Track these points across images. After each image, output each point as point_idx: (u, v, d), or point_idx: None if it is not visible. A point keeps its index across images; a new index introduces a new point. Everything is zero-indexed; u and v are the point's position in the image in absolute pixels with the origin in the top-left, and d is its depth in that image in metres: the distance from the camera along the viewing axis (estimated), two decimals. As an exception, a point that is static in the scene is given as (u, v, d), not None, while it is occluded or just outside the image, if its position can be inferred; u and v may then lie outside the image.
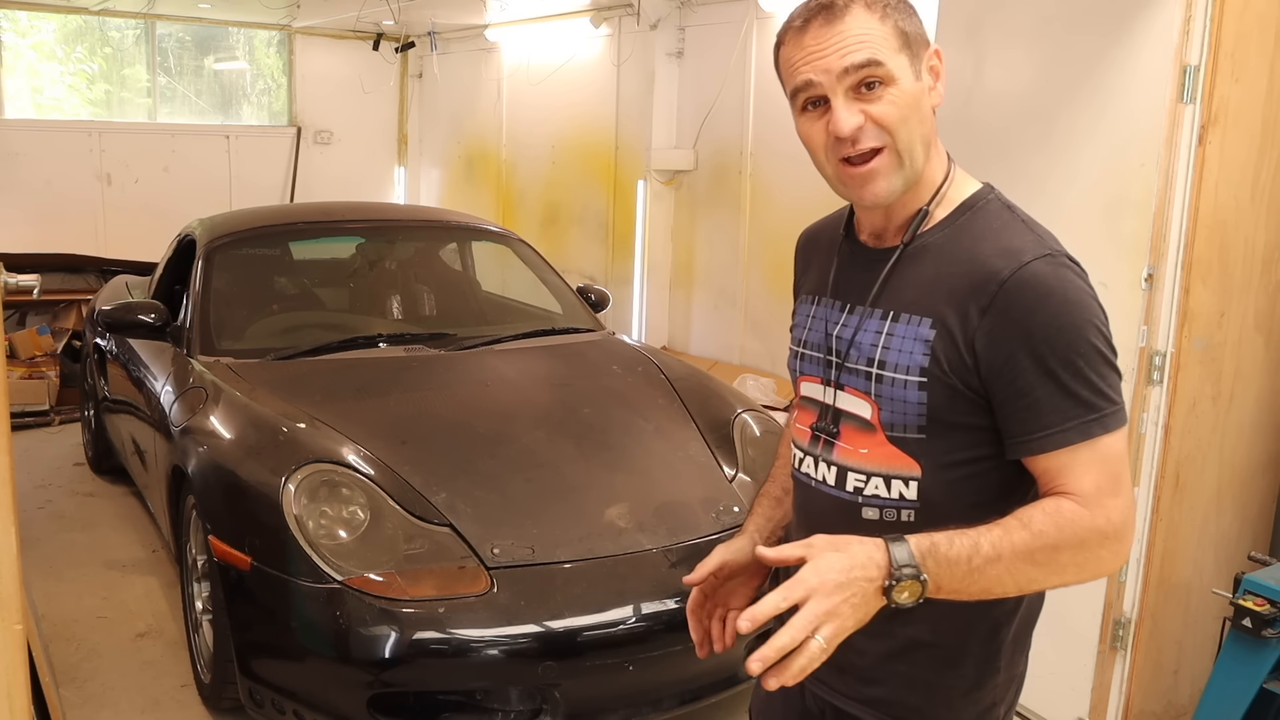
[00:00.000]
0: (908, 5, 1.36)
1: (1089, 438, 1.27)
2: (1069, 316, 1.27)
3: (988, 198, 1.40)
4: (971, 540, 1.22)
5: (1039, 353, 1.27)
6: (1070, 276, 1.30)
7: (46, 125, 8.91)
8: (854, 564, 1.18)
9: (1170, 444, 2.83)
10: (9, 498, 1.58)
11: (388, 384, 3.54)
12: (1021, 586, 1.27)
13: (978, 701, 1.41)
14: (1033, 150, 3.07)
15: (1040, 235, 1.35)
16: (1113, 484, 1.27)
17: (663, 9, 6.93)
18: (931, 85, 1.37)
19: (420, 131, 10.64)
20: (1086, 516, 1.25)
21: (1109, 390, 1.29)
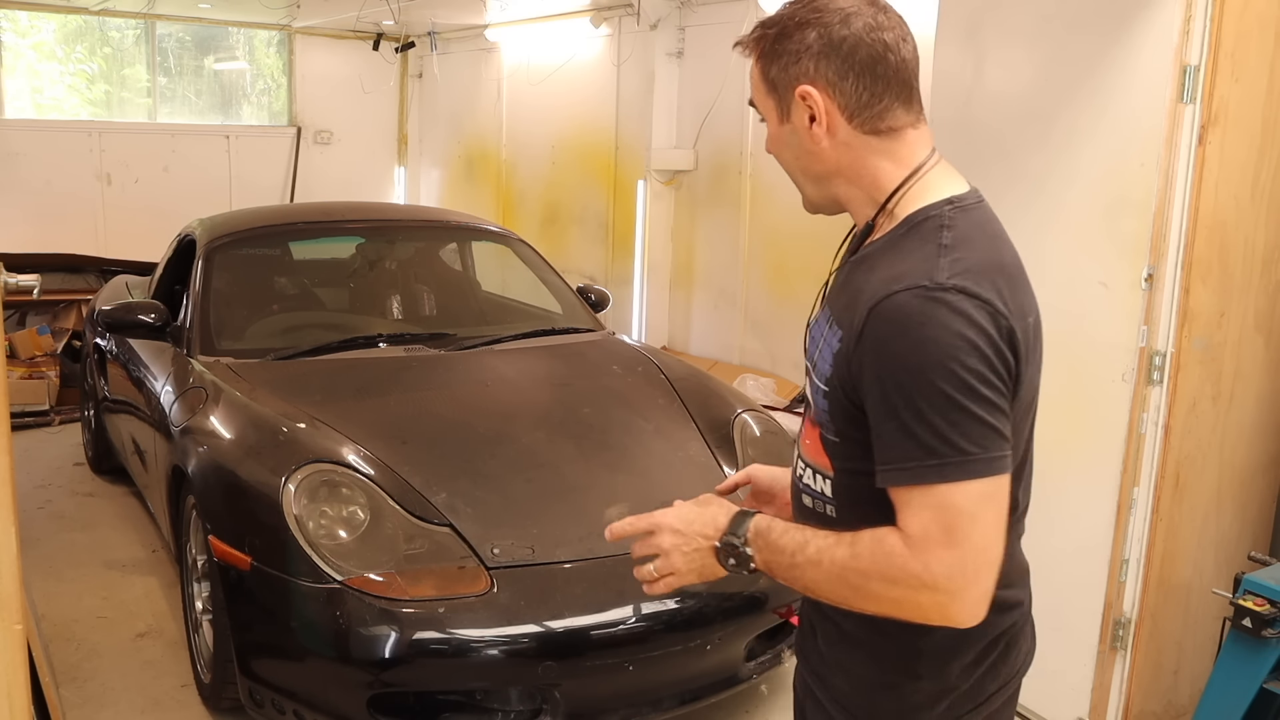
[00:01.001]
0: (787, 47, 1.36)
1: (922, 483, 1.22)
2: (920, 356, 1.21)
3: (930, 215, 1.34)
4: (803, 539, 1.30)
5: (885, 388, 1.24)
6: (939, 311, 1.21)
7: (46, 125, 8.91)
8: (698, 519, 1.38)
9: (1170, 444, 2.83)
10: (9, 498, 1.58)
11: (388, 384, 3.54)
12: (837, 600, 1.29)
13: (901, 701, 1.41)
14: (1033, 150, 3.07)
15: (940, 264, 1.26)
16: (944, 535, 1.20)
17: (663, 9, 6.93)
18: (805, 125, 1.37)
19: (420, 131, 10.63)
20: (904, 556, 1.22)
21: (954, 437, 1.20)
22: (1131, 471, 2.86)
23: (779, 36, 1.37)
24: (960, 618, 1.23)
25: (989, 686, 1.43)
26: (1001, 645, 1.43)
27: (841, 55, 1.33)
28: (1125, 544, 2.89)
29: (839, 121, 1.36)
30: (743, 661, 2.88)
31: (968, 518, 1.21)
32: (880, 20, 1.35)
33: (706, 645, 2.76)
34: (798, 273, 6.07)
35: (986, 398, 1.22)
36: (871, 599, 1.26)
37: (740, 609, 2.79)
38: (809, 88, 1.35)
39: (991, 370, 1.22)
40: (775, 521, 1.34)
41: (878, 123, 1.37)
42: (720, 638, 2.77)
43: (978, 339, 1.22)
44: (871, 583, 1.24)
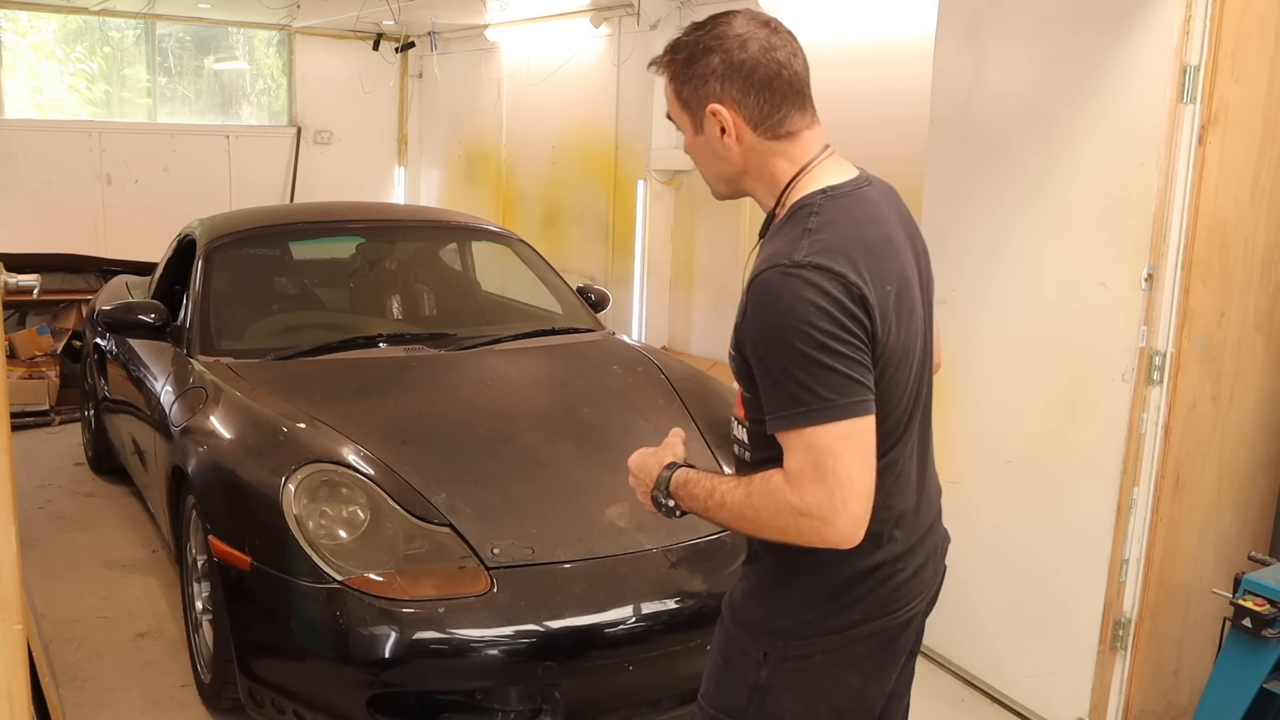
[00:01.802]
0: (695, 71, 1.59)
1: (793, 428, 1.46)
2: (779, 323, 1.46)
3: (805, 204, 1.57)
4: (711, 486, 1.59)
5: (759, 351, 1.50)
6: (793, 284, 1.45)
7: (46, 125, 8.91)
8: (642, 470, 1.71)
9: (1170, 444, 2.83)
10: (9, 498, 1.58)
11: (388, 384, 3.54)
12: (744, 531, 1.58)
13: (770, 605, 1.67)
14: (1033, 150, 3.07)
15: (800, 244, 1.49)
16: (814, 470, 1.44)
17: (663, 9, 6.93)
18: (717, 136, 1.61)
19: (420, 131, 10.63)
20: (784, 491, 1.46)
21: (815, 386, 1.44)
22: (1131, 471, 2.86)
23: (687, 61, 1.60)
24: (835, 539, 1.46)
25: (853, 615, 1.63)
26: (872, 580, 1.63)
27: (743, 76, 1.56)
28: (1125, 544, 2.89)
29: (745, 131, 1.59)
30: None
31: (831, 455, 1.44)
32: (773, 41, 1.58)
33: (706, 645, 2.74)
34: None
35: (840, 353, 1.45)
36: (765, 528, 1.51)
37: (740, 609, 2.79)
38: (718, 105, 1.58)
39: (843, 329, 1.45)
40: (691, 473, 1.64)
41: (778, 129, 1.60)
42: (720, 638, 2.77)
43: (828, 305, 1.45)
44: (763, 514, 1.50)
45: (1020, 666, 3.22)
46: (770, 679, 1.66)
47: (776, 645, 1.65)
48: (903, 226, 1.67)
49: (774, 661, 1.65)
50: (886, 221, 1.61)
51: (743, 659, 1.69)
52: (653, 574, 2.77)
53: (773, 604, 1.66)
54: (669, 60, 1.63)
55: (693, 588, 2.77)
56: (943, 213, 3.42)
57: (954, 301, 3.40)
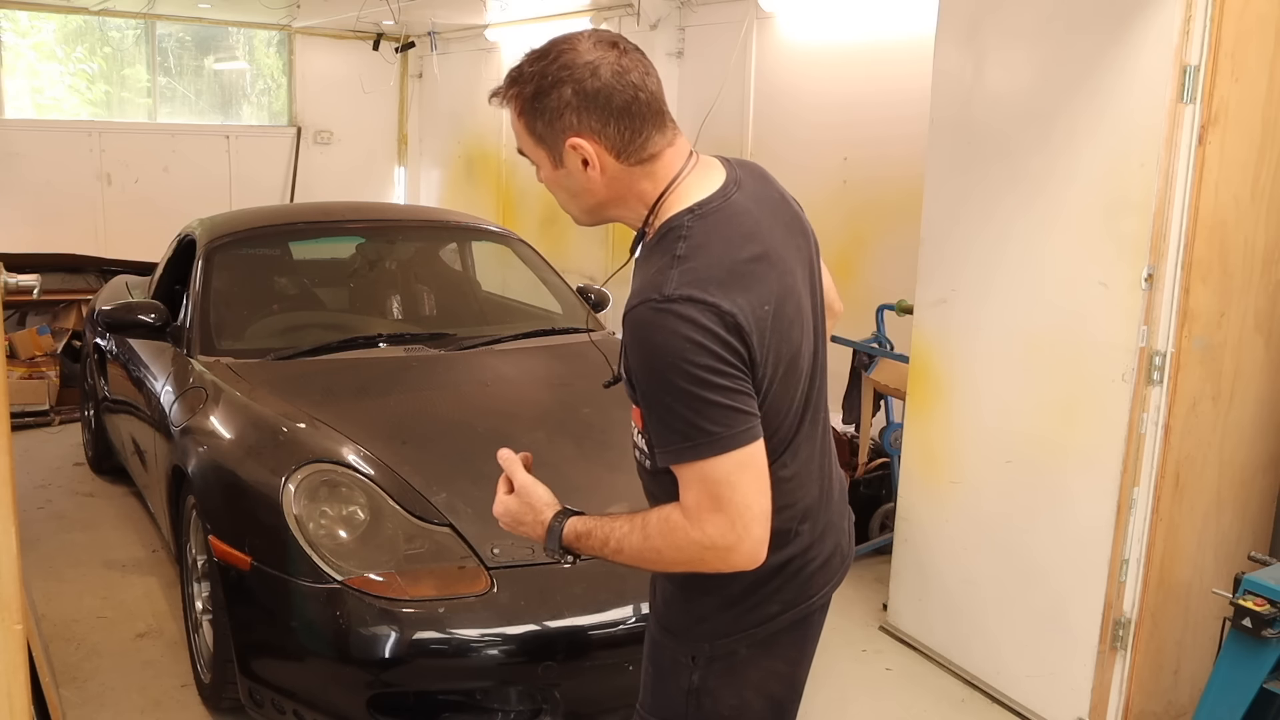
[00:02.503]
0: (547, 104, 1.49)
1: (682, 462, 1.44)
2: (656, 361, 1.42)
3: (672, 227, 1.51)
4: (605, 535, 1.55)
5: (640, 386, 1.47)
6: (664, 320, 1.41)
7: (46, 125, 8.90)
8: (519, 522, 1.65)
9: (1170, 444, 2.83)
10: (9, 498, 1.58)
11: (388, 384, 3.54)
12: (651, 569, 1.58)
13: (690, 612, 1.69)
14: (1033, 150, 3.07)
15: (669, 276, 1.44)
16: (711, 502, 1.43)
17: (663, 9, 6.92)
18: (582, 168, 1.52)
19: (420, 131, 10.63)
20: (684, 528, 1.45)
21: (700, 422, 1.41)
22: (1131, 471, 2.86)
23: (536, 95, 1.49)
24: (741, 563, 1.46)
25: (770, 609, 1.65)
26: (784, 575, 1.64)
27: (599, 105, 1.47)
28: (1125, 544, 2.89)
29: (609, 161, 1.51)
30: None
31: (727, 486, 1.43)
32: (624, 63, 1.49)
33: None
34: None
35: (720, 385, 1.41)
36: (670, 564, 1.52)
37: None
38: (578, 139, 1.49)
39: (721, 361, 1.41)
40: (580, 526, 1.58)
41: (640, 154, 1.52)
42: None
43: (703, 338, 1.40)
44: (666, 554, 1.49)
45: (1020, 666, 3.22)
46: (702, 680, 1.67)
47: (702, 648, 1.66)
48: (778, 216, 1.61)
49: (703, 663, 1.67)
50: (759, 230, 1.55)
51: (673, 665, 1.71)
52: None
53: (692, 609, 1.67)
54: (516, 94, 1.52)
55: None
56: (943, 213, 3.42)
57: (954, 301, 3.40)
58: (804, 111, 5.69)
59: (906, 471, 3.64)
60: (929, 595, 3.55)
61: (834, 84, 5.54)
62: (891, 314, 4.27)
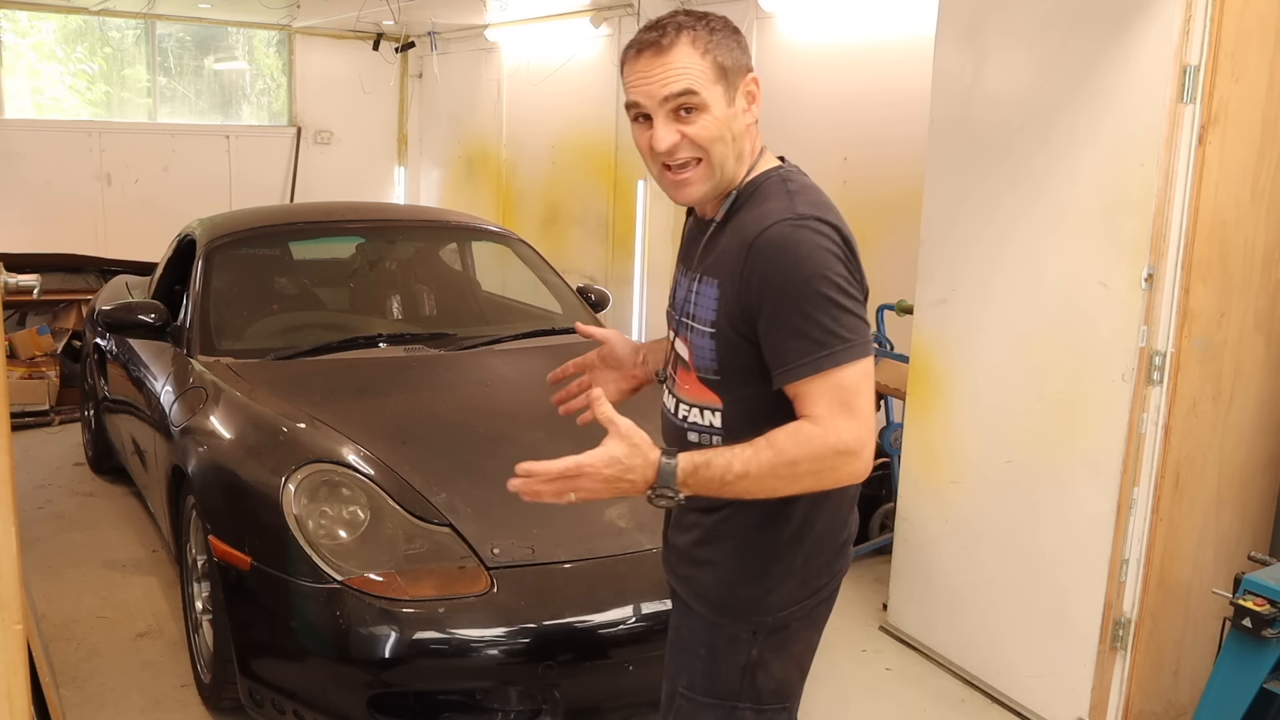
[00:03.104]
0: (729, 39, 1.61)
1: (819, 371, 1.51)
2: (801, 271, 1.51)
3: (770, 175, 1.65)
4: (727, 461, 1.51)
5: (776, 303, 1.53)
6: (806, 235, 1.53)
7: (46, 125, 8.90)
8: (625, 473, 1.52)
9: (1170, 444, 2.83)
10: (9, 498, 1.58)
11: (388, 384, 3.54)
12: (765, 493, 1.54)
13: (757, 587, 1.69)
14: (1033, 150, 3.07)
15: (794, 203, 1.57)
16: (844, 408, 1.51)
17: (662, 9, 6.92)
18: (746, 108, 1.63)
19: (420, 131, 10.63)
20: (820, 435, 1.50)
21: (839, 329, 1.51)
22: (1131, 471, 2.86)
23: (719, 33, 1.60)
24: (862, 472, 1.53)
25: (823, 579, 1.72)
26: (838, 544, 1.74)
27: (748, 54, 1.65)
28: (1125, 544, 2.89)
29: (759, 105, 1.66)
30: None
31: (855, 392, 1.52)
32: None
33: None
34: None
35: (853, 295, 1.54)
36: (799, 480, 1.52)
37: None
38: (754, 75, 1.64)
39: (850, 276, 1.54)
40: (696, 459, 1.52)
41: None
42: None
43: (838, 250, 1.54)
44: (800, 467, 1.50)
45: (1020, 666, 3.22)
46: (760, 654, 1.71)
47: (765, 621, 1.70)
48: None
49: (762, 637, 1.71)
50: None
51: (731, 644, 1.72)
52: (653, 574, 2.76)
53: (761, 582, 1.69)
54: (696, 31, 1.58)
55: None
56: (943, 213, 3.42)
57: (954, 301, 3.40)
58: (804, 111, 5.68)
59: (906, 471, 3.64)
60: (929, 595, 3.55)
61: (834, 84, 5.54)
62: (891, 314, 4.27)
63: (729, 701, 1.73)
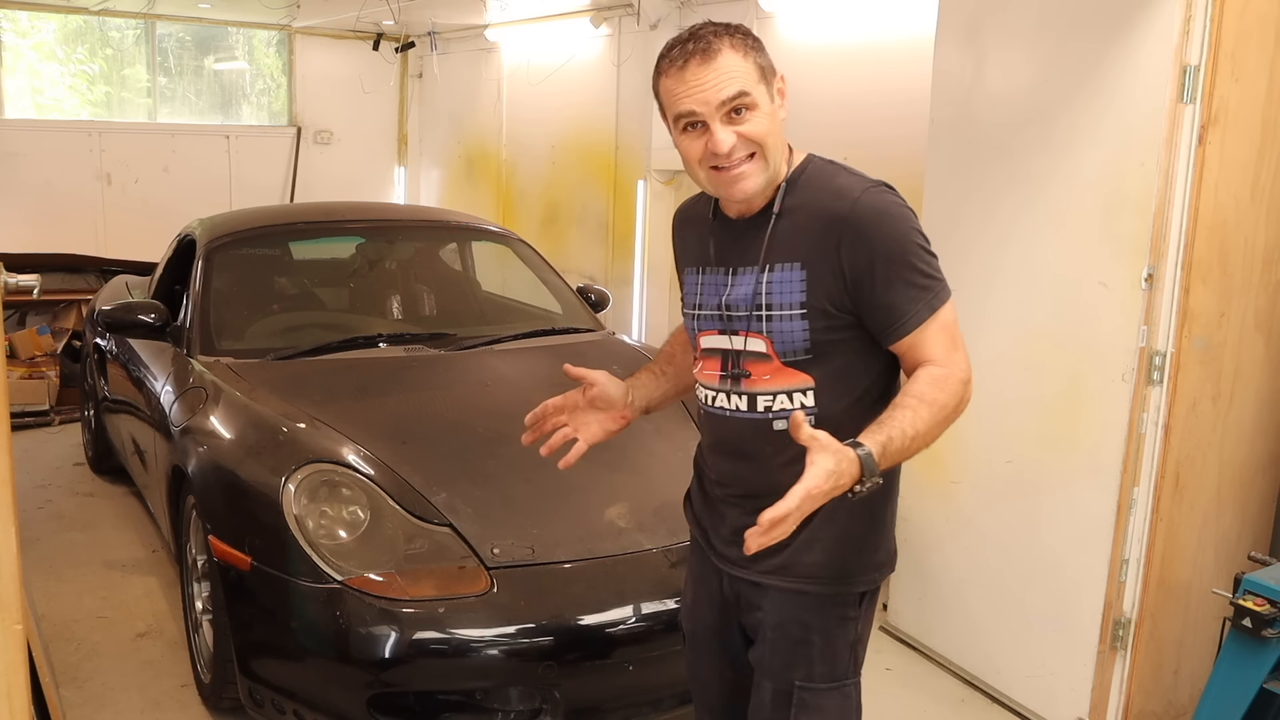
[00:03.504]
0: (759, 42, 1.72)
1: (934, 311, 1.67)
2: (898, 228, 1.67)
3: (813, 160, 1.78)
4: (900, 429, 1.57)
5: (886, 261, 1.66)
6: (892, 197, 1.70)
7: (46, 125, 8.90)
8: (840, 476, 1.52)
9: (1170, 444, 2.83)
10: (9, 498, 1.57)
11: (388, 384, 3.54)
12: (929, 444, 1.63)
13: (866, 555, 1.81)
14: (1033, 150, 3.07)
15: (859, 175, 1.74)
16: (953, 342, 1.68)
17: (663, 9, 6.92)
18: (780, 104, 1.73)
19: (420, 131, 10.63)
20: (950, 374, 1.64)
21: (935, 272, 1.69)
22: (1131, 471, 2.86)
23: (749, 35, 1.71)
24: (970, 396, 1.67)
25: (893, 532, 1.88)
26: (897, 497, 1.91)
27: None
28: (1125, 544, 2.89)
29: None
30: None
31: (955, 325, 1.70)
32: None
33: (706, 645, 2.76)
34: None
35: (929, 241, 1.71)
36: (948, 421, 1.64)
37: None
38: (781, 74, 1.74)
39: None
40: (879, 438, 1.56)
41: None
42: (720, 638, 2.77)
43: (909, 207, 1.71)
44: (948, 408, 1.63)
45: (1020, 666, 3.22)
46: (859, 629, 1.83)
47: (871, 579, 1.82)
48: None
49: (864, 607, 1.83)
50: None
51: (840, 623, 1.80)
52: (653, 574, 2.77)
53: (865, 546, 1.79)
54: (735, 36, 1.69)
55: (693, 588, 2.76)
56: (943, 213, 3.42)
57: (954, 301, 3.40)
58: (804, 111, 5.65)
59: (906, 471, 3.63)
60: (929, 595, 3.55)
61: (834, 84, 5.53)
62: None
63: (843, 681, 1.81)
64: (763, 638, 1.84)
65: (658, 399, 2.11)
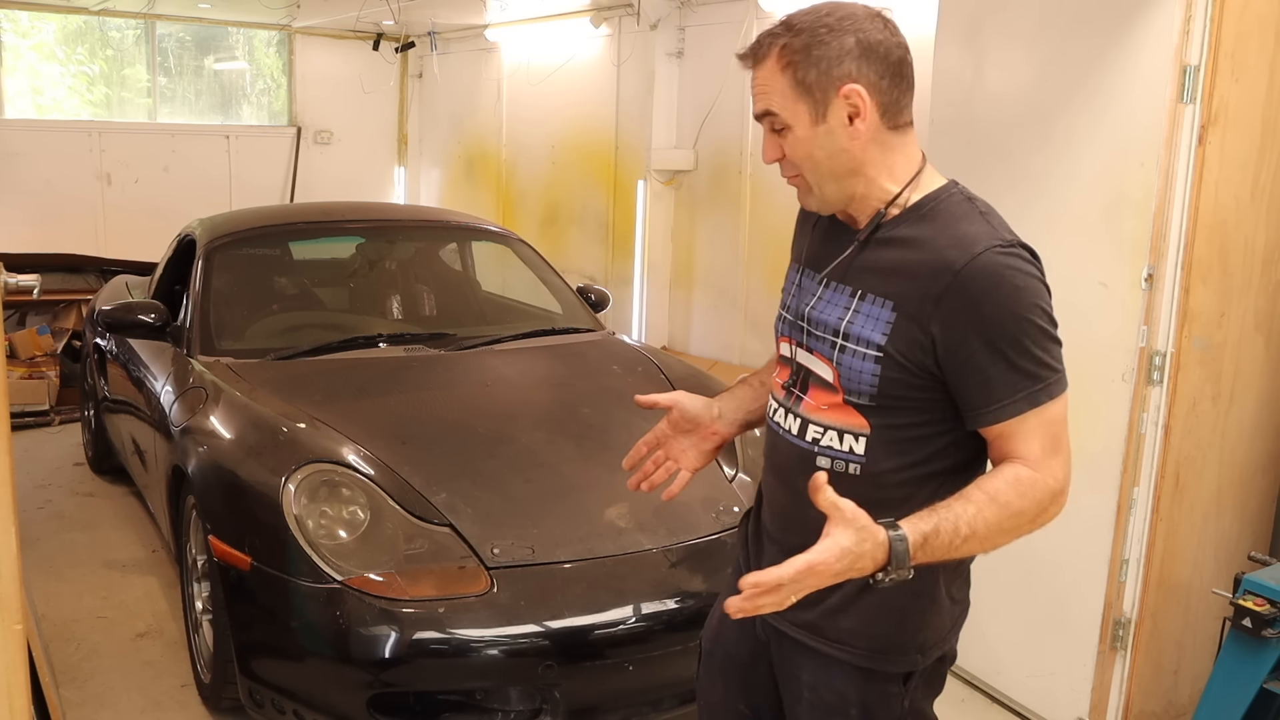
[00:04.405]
0: (826, 52, 1.47)
1: (1036, 405, 1.45)
2: (1016, 301, 1.44)
3: (951, 192, 1.54)
4: (953, 524, 1.40)
5: (990, 335, 1.43)
6: (1019, 264, 1.45)
7: (46, 125, 8.91)
8: (856, 560, 1.36)
9: (1170, 444, 2.83)
10: (9, 498, 1.57)
11: (388, 384, 3.54)
12: (989, 550, 1.46)
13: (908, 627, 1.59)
14: (1033, 150, 3.07)
15: (994, 226, 1.49)
16: (1054, 445, 1.46)
17: (663, 9, 6.93)
18: (846, 123, 1.49)
19: (420, 131, 10.63)
20: (1041, 480, 1.44)
21: (1052, 361, 1.46)
22: (1131, 471, 2.86)
23: (812, 44, 1.48)
24: (1061, 509, 1.48)
25: (959, 609, 1.65)
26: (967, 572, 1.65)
27: (879, 57, 1.48)
28: (1125, 544, 2.89)
29: (874, 118, 1.50)
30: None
31: (1062, 425, 1.47)
32: (892, 28, 1.51)
33: (706, 645, 2.76)
34: (798, 273, 6.06)
35: (1056, 326, 1.48)
36: (1020, 530, 1.45)
37: (740, 609, 2.79)
38: (854, 86, 1.47)
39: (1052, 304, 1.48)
40: (924, 528, 1.39)
41: (898, 119, 1.52)
42: (720, 638, 2.77)
43: (1044, 281, 1.48)
44: (1023, 518, 1.43)
45: (1020, 666, 3.22)
46: (913, 700, 1.64)
47: (918, 660, 1.60)
48: None
49: (915, 683, 1.62)
50: None
51: (882, 699, 1.60)
52: (653, 574, 2.77)
53: (906, 623, 1.58)
54: (785, 44, 1.49)
55: (693, 588, 2.77)
56: (943, 213, 3.42)
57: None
58: (804, 111, 5.68)
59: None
60: (929, 595, 3.55)
61: (834, 84, 5.53)
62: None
63: None
64: (798, 697, 1.68)
65: (756, 411, 1.85)
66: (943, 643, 1.62)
